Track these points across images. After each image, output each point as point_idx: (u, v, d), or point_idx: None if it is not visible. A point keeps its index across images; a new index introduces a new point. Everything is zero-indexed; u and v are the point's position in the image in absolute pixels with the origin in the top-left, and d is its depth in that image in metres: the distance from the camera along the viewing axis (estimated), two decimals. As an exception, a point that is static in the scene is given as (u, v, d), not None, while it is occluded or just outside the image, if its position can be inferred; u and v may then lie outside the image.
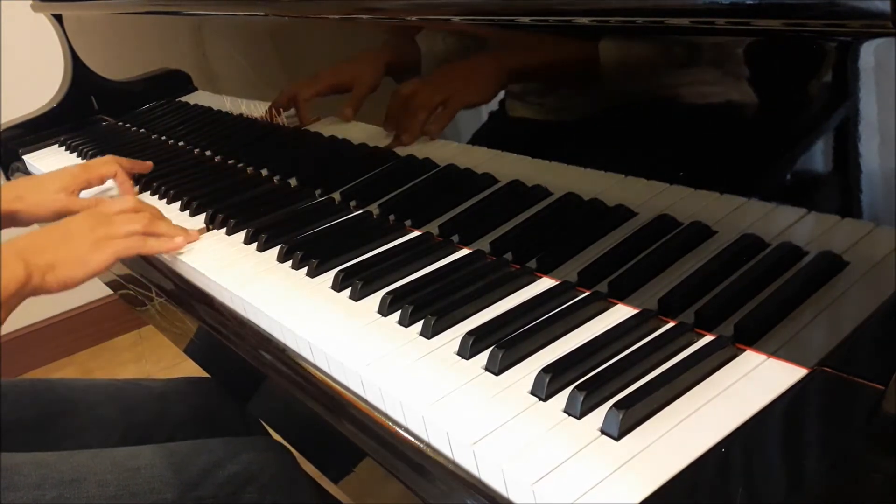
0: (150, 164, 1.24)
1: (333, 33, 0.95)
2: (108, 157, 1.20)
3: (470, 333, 0.65)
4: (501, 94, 0.77)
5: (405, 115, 0.87)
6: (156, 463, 0.82)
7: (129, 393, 1.00)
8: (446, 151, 0.85)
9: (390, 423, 0.62)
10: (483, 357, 0.63)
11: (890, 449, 0.47)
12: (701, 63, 0.60)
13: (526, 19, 0.69)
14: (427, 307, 0.70)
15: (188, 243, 0.94)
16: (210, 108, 1.28)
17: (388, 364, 0.65)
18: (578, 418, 0.55)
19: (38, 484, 0.78)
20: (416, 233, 0.88)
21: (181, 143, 1.38)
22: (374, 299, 0.75)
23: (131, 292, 1.08)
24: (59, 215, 1.05)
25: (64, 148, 1.54)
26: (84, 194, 1.13)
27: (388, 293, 0.73)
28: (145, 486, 0.79)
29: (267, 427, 1.05)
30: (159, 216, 0.95)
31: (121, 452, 0.84)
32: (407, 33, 0.83)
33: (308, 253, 0.85)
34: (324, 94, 1.01)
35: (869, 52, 0.49)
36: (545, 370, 0.58)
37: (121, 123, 1.60)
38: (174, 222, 1.05)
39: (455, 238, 0.83)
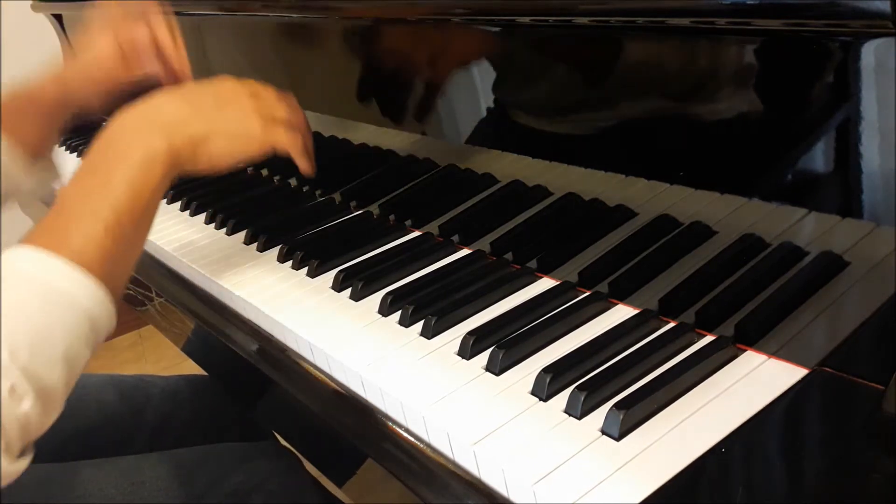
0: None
1: (334, 33, 0.95)
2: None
3: (470, 334, 0.65)
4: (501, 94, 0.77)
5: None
6: (161, 475, 0.81)
7: (138, 392, 0.99)
8: (447, 152, 0.85)
9: (391, 424, 0.62)
10: (483, 357, 0.63)
11: (890, 449, 0.47)
12: (701, 63, 0.60)
13: (526, 19, 0.69)
14: (427, 307, 0.70)
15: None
16: (210, 108, 1.28)
17: (389, 364, 0.65)
18: (579, 419, 0.55)
19: (40, 497, 0.77)
20: (417, 233, 0.88)
21: (181, 143, 1.37)
22: (375, 299, 0.75)
23: (131, 292, 1.08)
24: (111, 48, 0.88)
25: (64, 148, 1.53)
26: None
27: (388, 293, 0.73)
28: (150, 499, 0.79)
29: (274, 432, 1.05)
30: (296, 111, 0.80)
31: (125, 463, 0.84)
32: (411, 32, 0.83)
33: (308, 253, 0.85)
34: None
35: (869, 52, 0.49)
36: (546, 370, 0.58)
37: (121, 123, 1.59)
38: (174, 222, 1.05)
39: (455, 238, 0.83)
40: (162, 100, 0.70)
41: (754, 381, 0.55)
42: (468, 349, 0.64)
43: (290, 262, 0.86)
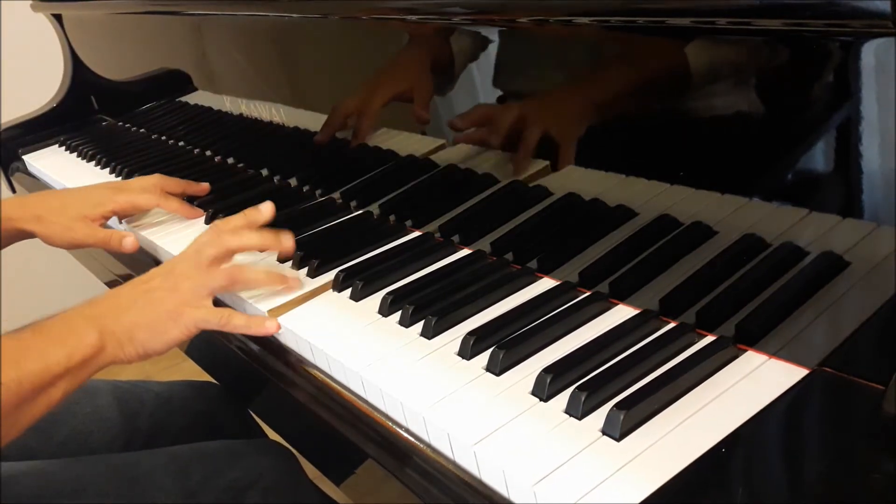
0: (206, 185, 1.08)
1: (334, 33, 0.95)
2: (152, 184, 1.02)
3: (471, 334, 0.64)
4: (501, 95, 0.77)
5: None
6: (156, 471, 0.81)
7: (132, 396, 1.00)
8: (448, 152, 0.85)
9: (391, 424, 0.62)
10: (484, 357, 0.63)
11: (890, 449, 0.47)
12: (701, 63, 0.60)
13: (526, 19, 0.69)
14: (428, 307, 0.70)
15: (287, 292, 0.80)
16: (210, 108, 1.28)
17: (389, 365, 0.65)
18: (579, 419, 0.55)
19: (38, 494, 0.77)
20: (417, 233, 0.88)
21: (181, 143, 1.37)
22: (375, 300, 0.75)
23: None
24: (75, 246, 0.99)
25: (64, 148, 1.53)
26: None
27: (388, 293, 0.73)
28: (145, 495, 0.79)
29: (268, 429, 1.05)
30: (223, 228, 0.80)
31: (120, 460, 0.84)
32: (412, 32, 0.83)
33: (308, 253, 0.84)
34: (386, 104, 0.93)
35: (869, 52, 0.49)
36: (546, 371, 0.58)
37: (121, 123, 1.60)
38: (174, 223, 1.05)
39: (456, 238, 0.83)
40: (104, 304, 0.75)
41: (755, 382, 0.55)
42: (468, 349, 0.64)
43: (289, 263, 0.86)
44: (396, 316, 0.71)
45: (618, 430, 0.52)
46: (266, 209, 0.83)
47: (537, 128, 0.75)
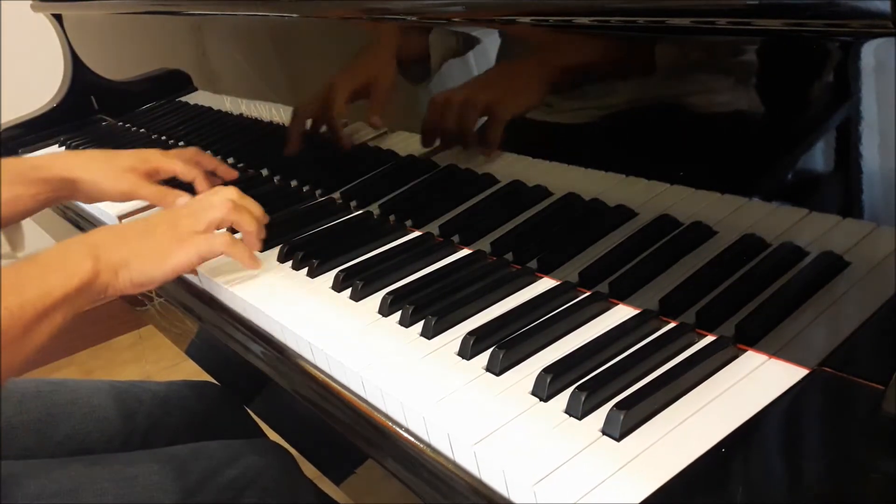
0: (236, 173, 1.10)
1: (334, 33, 0.95)
2: (190, 156, 1.04)
3: (471, 334, 0.64)
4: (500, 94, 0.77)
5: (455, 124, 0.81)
6: (154, 470, 0.81)
7: (130, 396, 1.00)
8: (449, 152, 0.85)
9: (391, 424, 0.62)
10: (484, 357, 0.63)
11: (890, 449, 0.47)
12: (701, 63, 0.60)
13: (526, 19, 0.69)
14: (428, 307, 0.70)
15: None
16: (210, 108, 1.28)
17: (389, 364, 0.65)
18: (579, 419, 0.55)
19: (37, 494, 0.77)
20: (417, 233, 0.88)
21: (181, 143, 1.37)
22: (375, 299, 0.75)
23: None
24: (124, 196, 0.98)
25: (64, 148, 1.53)
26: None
27: (388, 293, 0.73)
28: (143, 494, 0.79)
29: (267, 428, 1.05)
30: (239, 201, 0.83)
31: (118, 459, 0.84)
32: (411, 33, 0.83)
33: (308, 253, 0.84)
34: (350, 101, 0.96)
35: (869, 52, 0.49)
36: (546, 371, 0.58)
37: (121, 123, 1.60)
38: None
39: (456, 238, 0.83)
40: (101, 233, 0.77)
41: (755, 382, 0.55)
42: (468, 349, 0.64)
43: (290, 263, 0.86)
44: (396, 316, 0.71)
45: (618, 430, 0.52)
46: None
47: (537, 127, 0.75)
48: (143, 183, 0.97)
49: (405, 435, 0.60)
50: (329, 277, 0.81)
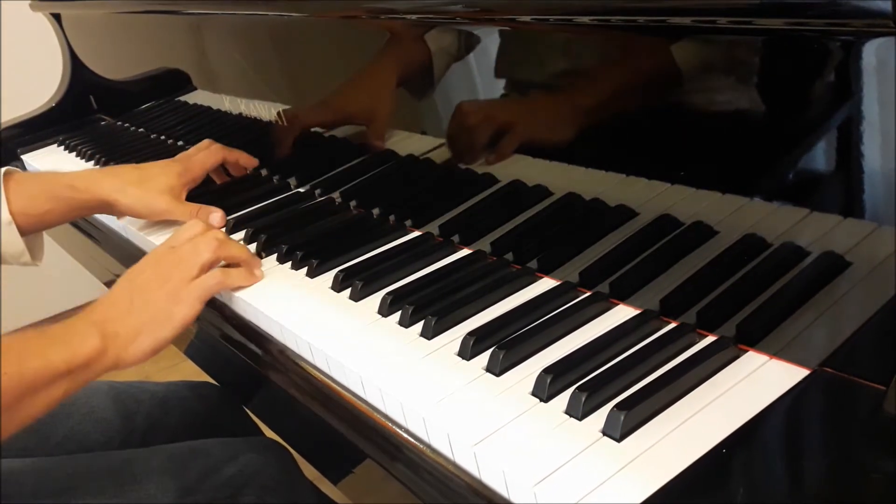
0: (256, 160, 1.12)
1: (334, 33, 0.94)
2: (213, 148, 1.08)
3: (471, 334, 0.64)
4: (503, 93, 0.77)
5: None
6: (152, 468, 0.81)
7: (129, 397, 1.00)
8: (448, 151, 0.85)
9: (390, 424, 0.62)
10: (484, 358, 0.63)
11: (891, 449, 0.47)
12: (702, 62, 0.60)
13: (527, 18, 0.69)
14: (427, 308, 0.70)
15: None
16: (209, 108, 1.28)
17: (389, 365, 0.65)
18: (580, 419, 0.55)
19: (35, 492, 0.77)
20: (417, 233, 0.87)
21: (180, 143, 1.37)
22: (375, 300, 0.75)
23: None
24: (159, 217, 1.00)
25: (63, 148, 1.53)
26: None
27: (388, 294, 0.73)
28: (142, 493, 0.79)
29: (266, 428, 1.05)
30: (225, 238, 0.84)
31: (117, 457, 0.84)
32: (414, 33, 0.83)
33: (308, 253, 0.84)
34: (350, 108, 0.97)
35: (870, 52, 0.49)
36: (546, 371, 0.58)
37: (120, 123, 1.59)
38: (174, 223, 1.05)
39: (455, 238, 0.83)
40: (103, 308, 0.75)
41: (756, 382, 0.55)
42: (468, 350, 0.64)
43: (289, 263, 0.86)
44: (396, 316, 0.71)
45: (618, 430, 0.52)
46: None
47: (535, 127, 0.75)
48: (177, 204, 0.99)
49: (405, 435, 0.60)
50: (328, 277, 0.81)
